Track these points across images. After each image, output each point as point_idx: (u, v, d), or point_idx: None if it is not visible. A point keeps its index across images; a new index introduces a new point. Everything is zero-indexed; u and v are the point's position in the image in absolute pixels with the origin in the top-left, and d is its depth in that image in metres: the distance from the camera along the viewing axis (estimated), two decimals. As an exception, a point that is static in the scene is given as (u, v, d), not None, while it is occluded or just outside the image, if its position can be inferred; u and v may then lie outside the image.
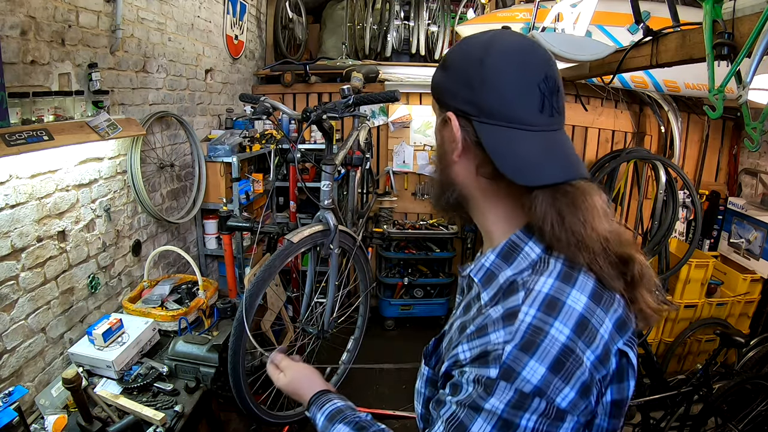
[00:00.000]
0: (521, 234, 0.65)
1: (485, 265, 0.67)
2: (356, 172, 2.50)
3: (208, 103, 3.03)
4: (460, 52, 0.67)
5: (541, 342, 0.54)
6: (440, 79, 0.69)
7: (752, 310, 3.30)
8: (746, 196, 3.58)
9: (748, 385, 2.49)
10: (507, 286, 0.62)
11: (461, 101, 0.64)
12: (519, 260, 0.64)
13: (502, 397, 0.54)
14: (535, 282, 0.59)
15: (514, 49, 0.64)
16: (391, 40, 4.02)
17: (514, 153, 0.61)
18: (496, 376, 0.55)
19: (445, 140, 0.68)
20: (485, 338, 0.58)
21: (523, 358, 0.54)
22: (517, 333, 0.55)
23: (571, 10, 2.25)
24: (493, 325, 0.58)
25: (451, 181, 0.69)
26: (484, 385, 0.55)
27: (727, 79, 1.18)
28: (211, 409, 1.93)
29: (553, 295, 0.57)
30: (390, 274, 4.02)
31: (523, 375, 0.53)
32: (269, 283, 1.59)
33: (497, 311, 0.59)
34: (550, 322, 0.55)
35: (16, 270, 1.53)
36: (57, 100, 1.62)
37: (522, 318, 0.56)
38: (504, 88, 0.62)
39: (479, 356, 0.57)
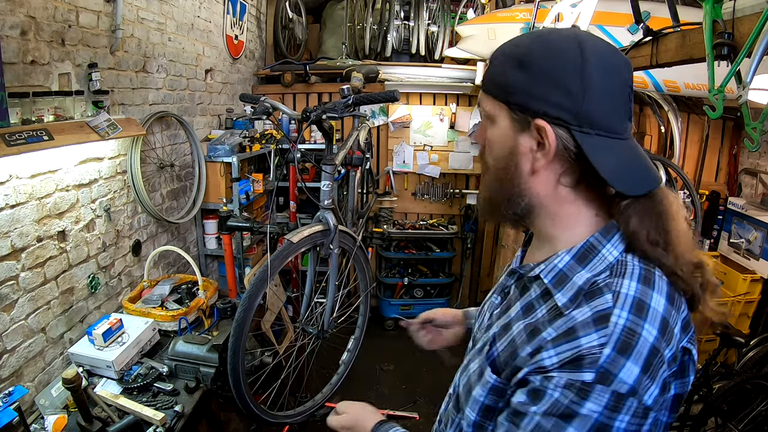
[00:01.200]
0: (600, 237, 0.64)
1: (558, 267, 0.65)
2: (356, 172, 2.50)
3: (208, 103, 3.03)
4: (547, 50, 0.62)
5: (636, 343, 0.55)
6: (518, 80, 0.63)
7: (752, 310, 3.29)
8: (746, 196, 3.58)
9: (748, 385, 2.49)
10: (588, 288, 0.61)
11: (556, 107, 0.60)
12: (595, 262, 0.63)
13: (599, 400, 0.54)
14: (620, 285, 0.59)
15: (605, 51, 0.62)
16: (391, 40, 4.02)
17: (614, 163, 0.60)
18: (593, 379, 0.54)
19: (521, 150, 0.64)
20: (575, 342, 0.57)
21: (620, 360, 0.54)
22: (613, 335, 0.55)
23: (571, 10, 2.25)
24: (584, 328, 0.57)
25: (522, 193, 0.66)
26: (578, 390, 0.54)
27: (727, 79, 1.18)
28: (211, 409, 1.93)
29: (640, 298, 0.58)
30: (390, 274, 4.02)
31: (620, 377, 0.54)
32: (269, 284, 1.59)
33: (583, 313, 0.59)
34: (641, 324, 0.56)
35: (16, 270, 1.53)
36: (57, 100, 1.62)
37: (615, 321, 0.56)
38: (606, 97, 0.60)
39: (571, 360, 0.56)
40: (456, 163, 4.02)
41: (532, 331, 0.64)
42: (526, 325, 0.66)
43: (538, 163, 0.64)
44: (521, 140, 0.64)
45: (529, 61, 0.62)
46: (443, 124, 3.96)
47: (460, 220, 4.16)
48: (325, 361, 2.21)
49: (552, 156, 0.62)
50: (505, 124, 0.66)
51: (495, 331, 0.72)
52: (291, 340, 2.52)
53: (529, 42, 0.64)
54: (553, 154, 0.62)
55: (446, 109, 3.93)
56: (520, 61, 0.63)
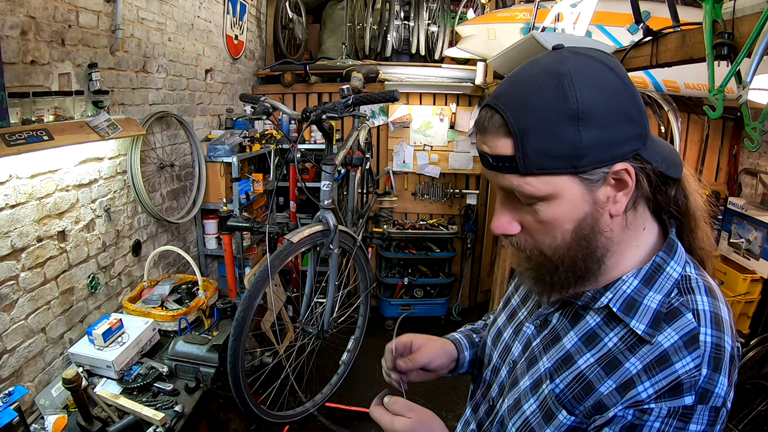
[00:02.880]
0: (664, 254, 0.63)
1: (626, 292, 0.62)
2: (356, 172, 2.50)
3: (208, 103, 3.03)
4: (601, 91, 0.55)
5: (723, 358, 0.56)
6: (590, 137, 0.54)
7: (752, 310, 3.29)
8: (746, 196, 3.58)
9: (748, 385, 2.49)
10: (665, 310, 0.59)
11: (630, 141, 0.56)
12: (661, 282, 0.61)
13: (701, 419, 0.54)
14: (695, 302, 0.59)
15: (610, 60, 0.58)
16: (391, 40, 4.02)
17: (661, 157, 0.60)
18: (693, 402, 0.54)
19: (599, 206, 0.58)
20: (670, 369, 0.55)
21: (714, 377, 0.55)
22: (705, 355, 0.56)
23: (571, 10, 2.25)
24: (676, 354, 0.56)
25: (604, 245, 0.61)
26: (681, 416, 0.54)
27: (727, 79, 1.18)
28: (211, 409, 1.93)
29: (715, 312, 0.59)
30: (390, 274, 4.02)
31: (716, 392, 0.55)
32: (269, 284, 1.59)
33: (670, 338, 0.57)
34: (722, 338, 0.57)
35: (16, 270, 1.53)
36: (57, 100, 1.62)
37: (704, 339, 0.56)
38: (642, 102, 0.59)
39: (670, 389, 0.55)
40: (456, 163, 4.02)
41: (609, 363, 0.60)
42: (598, 359, 0.62)
43: (618, 206, 0.59)
44: (599, 196, 0.58)
45: (589, 109, 0.54)
46: (443, 124, 3.96)
47: (460, 220, 4.16)
48: (325, 361, 2.21)
49: (633, 191, 0.59)
50: (576, 192, 0.57)
51: (549, 366, 0.67)
52: (291, 340, 2.52)
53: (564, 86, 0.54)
54: (634, 188, 0.58)
55: (446, 109, 3.93)
56: (577, 116, 0.54)
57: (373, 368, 3.85)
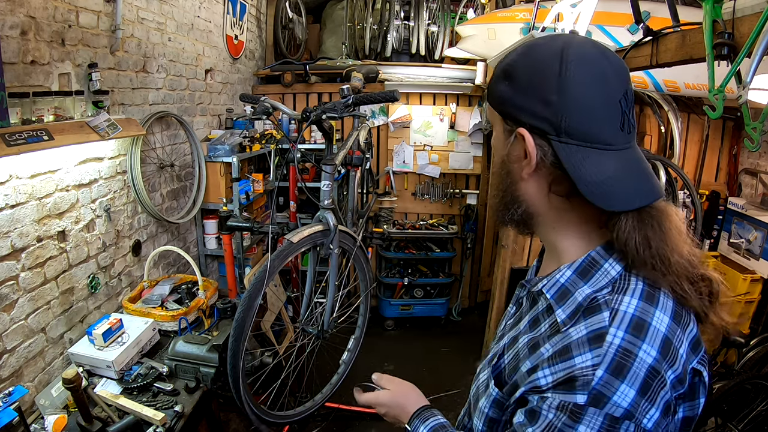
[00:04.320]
0: (601, 251, 0.63)
1: (560, 281, 0.64)
2: (356, 172, 2.50)
3: (208, 103, 3.03)
4: (529, 61, 0.62)
5: (632, 365, 0.53)
6: (505, 91, 0.64)
7: (752, 310, 3.29)
8: (746, 196, 3.58)
9: (748, 385, 2.49)
10: (587, 304, 0.60)
11: (536, 118, 0.60)
12: (597, 277, 0.62)
13: (592, 423, 0.52)
14: (619, 302, 0.57)
15: (593, 60, 0.59)
16: (391, 40, 4.02)
17: (596, 176, 0.58)
18: (585, 402, 0.53)
19: (512, 156, 0.65)
20: (569, 362, 0.55)
21: (614, 383, 0.52)
22: (606, 356, 0.54)
23: (571, 10, 2.25)
24: (578, 347, 0.56)
25: (517, 198, 0.67)
26: (570, 413, 0.53)
27: (727, 79, 1.18)
28: (211, 409, 1.93)
29: (639, 317, 0.56)
30: (390, 274, 4.02)
31: (613, 400, 0.52)
32: (269, 284, 1.59)
33: (579, 332, 0.57)
34: (638, 345, 0.54)
35: (16, 270, 1.53)
36: (57, 100, 1.62)
37: (610, 340, 0.54)
38: (586, 107, 0.58)
39: (564, 381, 0.55)
40: (456, 163, 4.02)
41: (533, 345, 0.63)
42: (529, 339, 0.65)
43: (524, 171, 0.64)
44: (510, 148, 0.66)
45: (514, 72, 0.63)
46: (443, 124, 3.96)
47: (460, 220, 4.16)
48: (325, 361, 2.21)
49: (534, 164, 0.62)
50: (499, 130, 0.68)
51: (505, 342, 0.72)
52: (291, 340, 2.52)
53: (516, 53, 0.65)
54: (535, 163, 0.62)
55: (446, 109, 3.93)
56: (506, 73, 0.65)
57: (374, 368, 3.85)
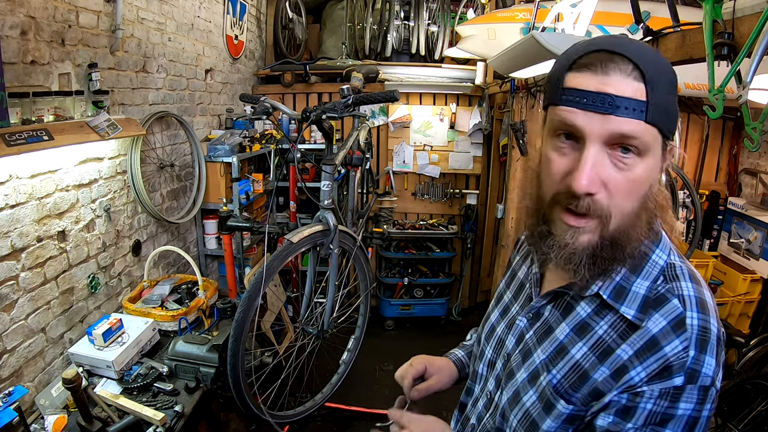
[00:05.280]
0: (649, 243, 0.65)
1: (615, 279, 0.65)
2: (356, 172, 2.50)
3: (208, 103, 3.03)
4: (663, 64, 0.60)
5: (710, 339, 0.59)
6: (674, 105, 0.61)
7: (752, 310, 3.29)
8: (746, 196, 3.58)
9: (748, 385, 2.49)
10: (654, 297, 0.63)
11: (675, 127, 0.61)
12: (648, 269, 0.65)
13: (691, 398, 0.57)
14: (680, 288, 0.62)
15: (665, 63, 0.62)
16: (391, 40, 4.02)
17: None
18: (683, 382, 0.57)
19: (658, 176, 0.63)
20: (660, 352, 0.58)
21: (701, 358, 0.58)
22: (692, 337, 0.58)
23: (571, 10, 2.24)
24: (665, 337, 0.59)
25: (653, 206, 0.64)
26: (672, 396, 0.57)
27: (727, 79, 1.18)
28: (211, 409, 1.93)
29: (700, 297, 0.62)
30: (390, 274, 4.02)
31: (703, 372, 0.57)
32: (269, 284, 1.59)
33: (658, 324, 0.60)
34: (709, 320, 0.60)
35: (16, 270, 1.53)
36: (57, 100, 1.62)
37: (690, 323, 0.59)
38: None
39: (660, 371, 0.58)
40: (456, 163, 4.02)
41: (603, 351, 0.63)
42: (591, 347, 0.65)
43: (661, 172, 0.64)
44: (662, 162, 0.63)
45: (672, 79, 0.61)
46: (443, 124, 3.96)
47: (460, 220, 4.15)
48: (325, 361, 2.21)
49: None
50: (658, 154, 0.61)
51: (544, 358, 0.69)
52: (291, 340, 2.52)
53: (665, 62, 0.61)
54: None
55: (446, 109, 3.93)
56: (674, 85, 0.61)
57: (373, 368, 3.86)
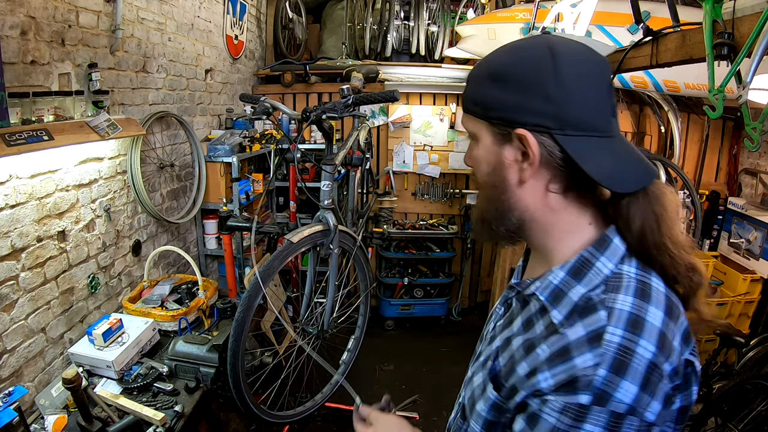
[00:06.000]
0: (593, 250, 0.63)
1: (553, 283, 0.64)
2: (356, 172, 2.50)
3: (208, 103, 3.03)
4: (520, 61, 0.62)
5: (632, 362, 0.53)
6: (496, 95, 0.63)
7: (752, 310, 3.29)
8: (746, 196, 3.58)
9: (748, 385, 2.49)
10: (583, 304, 0.60)
11: (537, 115, 0.60)
12: (591, 276, 0.61)
13: (597, 421, 0.53)
14: (615, 300, 0.57)
15: (580, 54, 0.62)
16: (391, 40, 4.02)
17: (604, 162, 0.59)
18: (589, 402, 0.53)
19: (506, 162, 0.64)
20: (569, 363, 0.56)
21: (615, 381, 0.53)
22: (606, 355, 0.54)
23: (571, 10, 2.25)
24: (577, 348, 0.56)
25: (512, 206, 0.65)
26: (576, 414, 0.54)
27: (727, 79, 1.18)
28: (211, 409, 1.93)
29: (635, 314, 0.56)
30: (390, 274, 4.02)
31: (616, 397, 0.52)
32: (268, 285, 1.59)
33: (577, 332, 0.57)
34: (636, 341, 0.54)
35: (16, 270, 1.53)
36: (57, 100, 1.62)
37: (609, 339, 0.55)
38: (583, 97, 0.60)
39: (566, 384, 0.55)
40: (456, 163, 4.02)
41: (529, 346, 0.63)
42: (524, 341, 0.65)
43: (524, 173, 0.63)
44: (505, 153, 0.64)
45: (503, 74, 0.62)
46: (443, 124, 3.96)
47: (460, 220, 4.15)
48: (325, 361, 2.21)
49: (537, 164, 0.61)
50: (488, 140, 0.66)
51: (498, 345, 0.72)
52: (291, 340, 2.52)
53: (501, 56, 0.65)
54: (538, 162, 0.61)
55: (446, 109, 3.93)
56: (494, 76, 0.63)
57: (373, 368, 3.85)
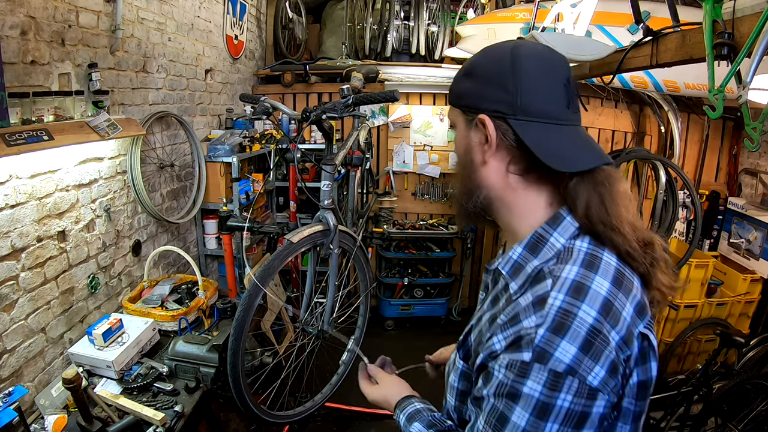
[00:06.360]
0: (547, 227, 0.69)
1: (513, 258, 0.70)
2: (356, 172, 2.50)
3: (208, 103, 3.03)
4: (486, 59, 0.72)
5: (571, 324, 0.57)
6: (466, 86, 0.73)
7: (752, 310, 3.30)
8: (746, 196, 3.58)
9: (748, 385, 2.49)
10: (534, 274, 0.66)
11: (495, 102, 0.69)
12: (545, 251, 0.67)
13: (538, 378, 0.57)
14: (561, 270, 0.63)
15: (538, 53, 0.70)
16: (391, 40, 4.02)
17: (551, 145, 0.66)
18: (530, 359, 0.58)
19: (474, 143, 0.72)
20: (518, 325, 0.61)
21: (554, 340, 0.57)
22: (548, 316, 0.59)
23: (571, 10, 2.24)
24: (525, 312, 0.62)
25: (478, 184, 0.73)
26: (519, 370, 0.58)
27: (727, 79, 1.18)
28: (211, 409, 1.93)
29: (579, 281, 0.61)
30: (390, 274, 4.02)
31: (555, 355, 0.57)
32: (269, 283, 1.59)
33: (527, 299, 0.63)
34: (578, 305, 0.58)
35: (16, 270, 1.53)
36: (57, 100, 1.62)
37: (551, 303, 0.59)
38: (536, 87, 0.68)
39: (513, 343, 0.60)
40: (456, 163, 4.02)
41: (493, 319, 0.70)
42: (491, 316, 0.72)
43: (486, 154, 0.71)
44: (472, 136, 0.73)
45: (474, 70, 0.73)
46: (443, 124, 3.96)
47: (460, 220, 4.15)
48: (325, 361, 2.21)
49: (495, 145, 0.69)
50: (462, 125, 0.75)
51: (472, 323, 0.80)
52: (291, 340, 2.52)
53: (475, 56, 0.75)
54: (496, 143, 0.69)
55: (446, 109, 3.93)
56: (467, 71, 0.74)
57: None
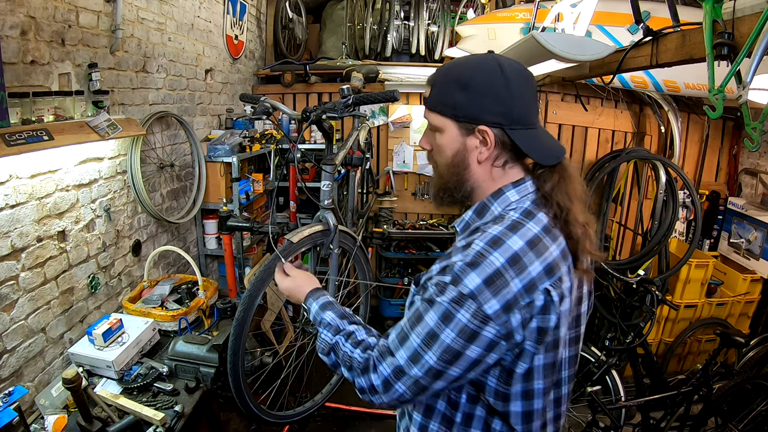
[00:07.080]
0: (490, 198, 0.90)
1: (465, 219, 0.94)
2: (356, 172, 2.50)
3: (208, 103, 3.03)
4: (479, 73, 0.85)
5: (482, 263, 0.77)
6: (462, 99, 0.85)
7: (752, 310, 3.30)
8: (746, 196, 3.58)
9: (748, 385, 2.49)
10: (473, 230, 0.87)
11: (495, 115, 0.84)
12: (487, 215, 0.90)
13: (449, 294, 0.78)
14: (490, 228, 0.83)
15: (518, 69, 0.86)
16: (391, 40, 4.01)
17: (536, 147, 0.86)
18: (449, 281, 0.79)
19: (469, 148, 0.88)
20: (450, 259, 0.83)
21: (467, 271, 0.78)
22: (468, 255, 0.79)
23: (571, 10, 2.24)
24: (456, 251, 0.83)
25: (467, 179, 0.91)
26: (440, 288, 0.80)
27: (727, 79, 1.18)
28: (211, 409, 1.93)
29: (498, 236, 0.80)
30: (390, 274, 4.02)
31: (464, 281, 0.77)
32: (269, 283, 1.59)
33: (460, 242, 0.86)
34: (490, 252, 0.78)
35: (16, 270, 1.53)
36: (57, 100, 1.62)
37: (473, 247, 0.80)
38: (524, 101, 0.85)
39: (442, 269, 0.83)
40: (456, 163, 4.02)
41: (441, 260, 0.88)
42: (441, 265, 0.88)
43: (482, 156, 0.88)
44: (468, 141, 0.88)
45: (470, 83, 0.85)
46: (443, 124, 3.96)
47: (460, 220, 4.15)
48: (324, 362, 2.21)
49: (492, 149, 0.87)
50: (454, 132, 0.88)
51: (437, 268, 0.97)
52: (291, 340, 2.52)
53: (465, 68, 0.87)
54: (493, 148, 0.86)
55: (446, 109, 3.93)
56: (461, 84, 0.85)
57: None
